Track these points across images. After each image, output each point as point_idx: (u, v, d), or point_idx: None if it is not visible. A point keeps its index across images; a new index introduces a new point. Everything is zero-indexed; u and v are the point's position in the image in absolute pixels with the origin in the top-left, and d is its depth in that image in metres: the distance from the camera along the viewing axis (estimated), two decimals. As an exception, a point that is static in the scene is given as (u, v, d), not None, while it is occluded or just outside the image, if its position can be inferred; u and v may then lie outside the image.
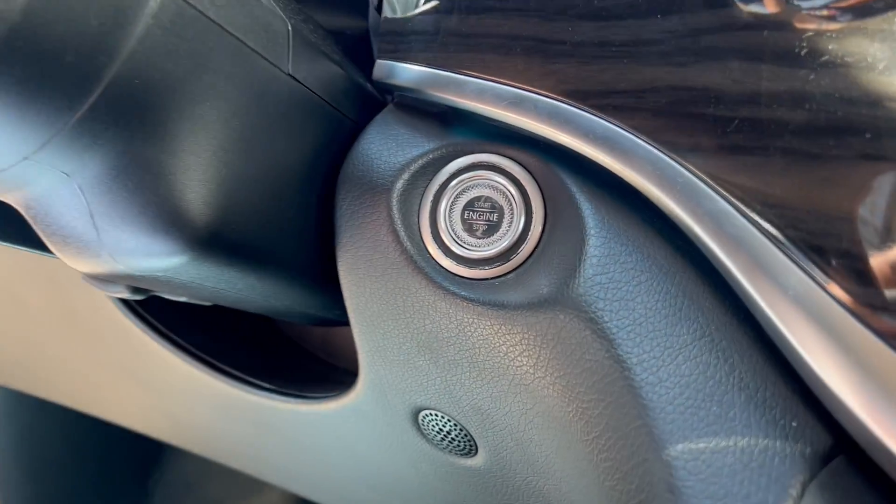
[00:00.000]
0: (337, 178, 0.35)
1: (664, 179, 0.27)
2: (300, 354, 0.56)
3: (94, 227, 0.27)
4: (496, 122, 0.32)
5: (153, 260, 0.28)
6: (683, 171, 0.27)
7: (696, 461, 0.25)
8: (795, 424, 0.25)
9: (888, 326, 0.23)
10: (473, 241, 0.33)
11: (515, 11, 0.31)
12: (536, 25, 0.30)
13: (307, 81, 0.32)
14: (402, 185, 0.34)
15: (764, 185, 0.25)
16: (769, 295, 0.25)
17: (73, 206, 0.26)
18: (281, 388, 0.47)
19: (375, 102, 0.38)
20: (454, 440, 0.39)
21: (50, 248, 0.29)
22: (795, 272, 0.24)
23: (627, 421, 0.27)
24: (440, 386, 0.36)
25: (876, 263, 0.23)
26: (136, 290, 0.33)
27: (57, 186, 0.26)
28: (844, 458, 0.25)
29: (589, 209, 0.30)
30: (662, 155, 0.27)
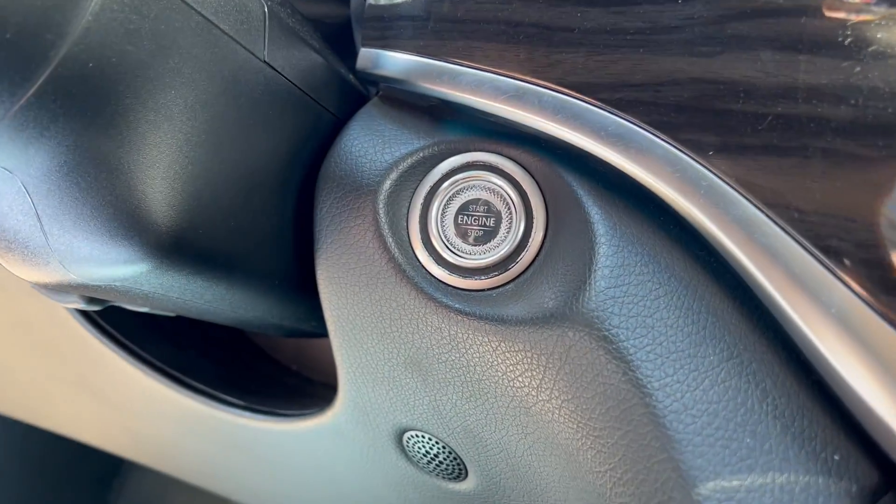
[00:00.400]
0: (316, 177, 0.34)
1: (685, 182, 0.26)
2: (272, 366, 0.55)
3: (41, 231, 0.25)
4: (493, 117, 0.30)
5: (110, 269, 0.26)
6: (708, 173, 0.26)
7: (730, 502, 0.23)
8: (838, 458, 0.24)
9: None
10: (468, 248, 0.31)
11: (517, -6, 0.30)
12: (540, 10, 0.29)
13: (284, 70, 0.31)
14: (389, 186, 0.32)
15: (801, 189, 0.24)
16: (808, 313, 0.24)
17: (16, 206, 0.25)
18: (252, 403, 0.46)
19: (359, 95, 0.37)
20: (441, 463, 0.38)
21: (-8, 253, 0.27)
22: (839, 288, 0.23)
23: (649, 453, 0.25)
24: (428, 406, 0.34)
25: (931, 280, 0.22)
26: (91, 300, 0.31)
27: (-3, 184, 0.24)
28: (895, 494, 0.24)
29: (597, 213, 0.28)
30: (683, 155, 0.26)
